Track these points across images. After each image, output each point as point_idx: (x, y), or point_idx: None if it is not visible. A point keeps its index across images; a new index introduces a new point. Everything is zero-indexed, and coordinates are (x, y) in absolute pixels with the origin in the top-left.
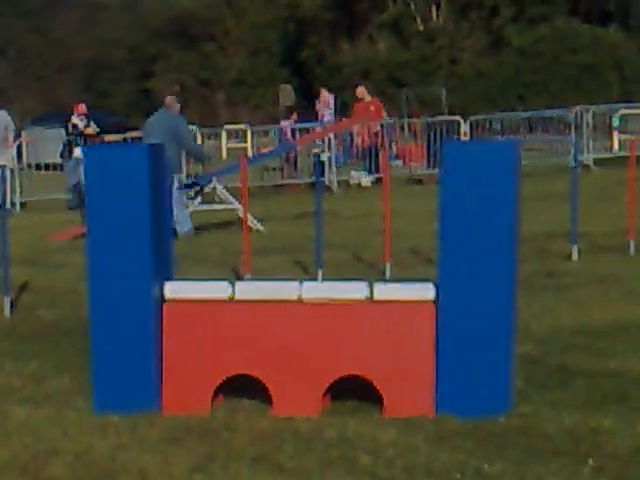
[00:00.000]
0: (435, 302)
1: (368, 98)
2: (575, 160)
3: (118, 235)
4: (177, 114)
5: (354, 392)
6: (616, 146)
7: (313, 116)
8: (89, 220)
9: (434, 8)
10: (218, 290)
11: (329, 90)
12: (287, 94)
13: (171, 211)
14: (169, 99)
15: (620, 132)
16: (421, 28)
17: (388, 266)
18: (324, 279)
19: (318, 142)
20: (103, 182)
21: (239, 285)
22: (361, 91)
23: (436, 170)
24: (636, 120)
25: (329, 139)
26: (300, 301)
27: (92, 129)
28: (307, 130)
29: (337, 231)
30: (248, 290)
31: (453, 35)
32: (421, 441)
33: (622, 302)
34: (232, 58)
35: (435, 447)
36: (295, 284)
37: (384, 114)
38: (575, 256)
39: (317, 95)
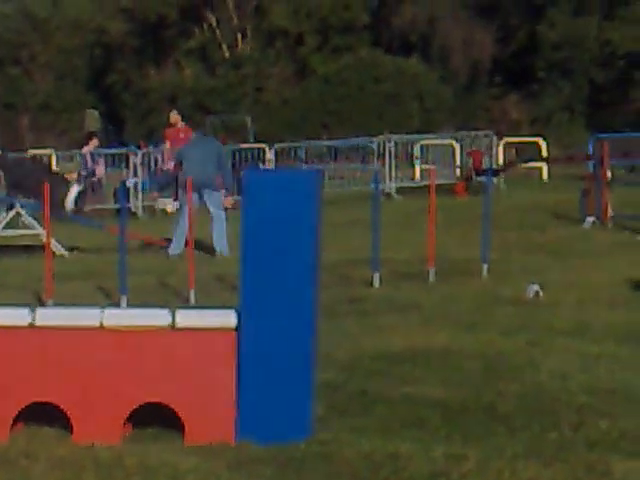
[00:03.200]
0: (237, 329)
1: (180, 125)
2: (376, 188)
3: None
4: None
5: (156, 419)
6: (418, 175)
7: (117, 141)
8: None
9: (240, 36)
10: (18, 316)
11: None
12: (93, 119)
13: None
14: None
15: (421, 161)
16: (227, 55)
17: (192, 293)
18: (128, 305)
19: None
20: None
21: (39, 311)
22: (175, 117)
23: (241, 197)
24: (436, 150)
25: (134, 165)
26: (102, 328)
27: None
28: (112, 156)
29: (142, 257)
30: (49, 316)
31: (259, 63)
32: (222, 468)
33: (421, 328)
34: (38, 82)
35: (236, 473)
36: (96, 311)
37: None
38: (377, 283)
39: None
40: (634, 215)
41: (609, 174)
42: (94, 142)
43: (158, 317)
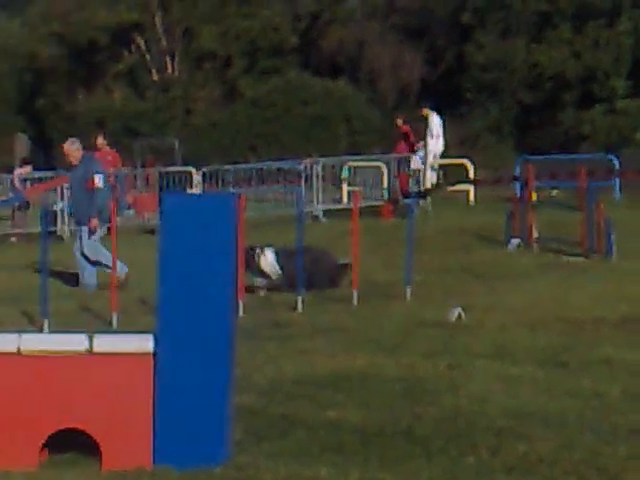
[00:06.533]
0: (154, 354)
1: (106, 148)
2: (300, 210)
3: None
4: None
5: (73, 444)
6: (345, 197)
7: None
8: None
9: (169, 59)
10: None
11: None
12: (22, 143)
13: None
14: None
15: (348, 184)
16: (156, 78)
17: (115, 316)
18: (50, 330)
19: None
20: None
21: None
22: (100, 141)
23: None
24: (364, 172)
25: (62, 189)
26: (19, 353)
27: None
28: (39, 179)
29: (66, 281)
30: None
31: (187, 86)
32: None
33: (344, 352)
34: None
35: None
36: (14, 336)
37: (119, 165)
38: (300, 307)
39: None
40: (559, 237)
41: (535, 196)
42: (27, 169)
43: (75, 342)
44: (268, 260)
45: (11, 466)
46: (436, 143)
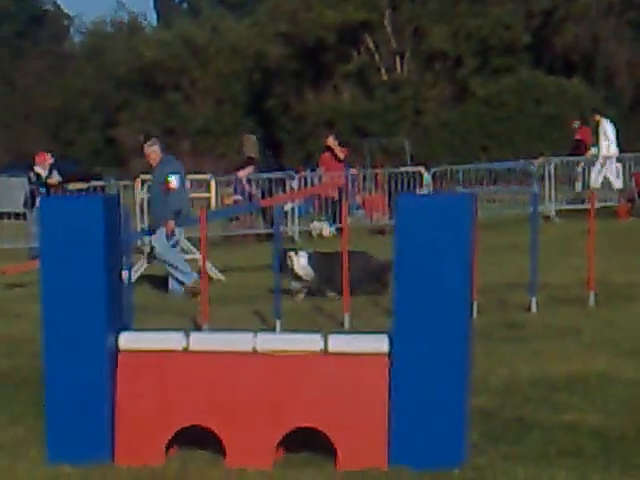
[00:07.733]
0: (390, 354)
1: (337, 148)
2: (534, 211)
3: (73, 285)
4: None
5: (308, 444)
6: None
7: (276, 165)
8: (43, 270)
9: (398, 59)
10: (172, 341)
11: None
12: (251, 144)
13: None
14: None
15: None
16: (385, 78)
17: (347, 317)
18: (282, 330)
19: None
20: (57, 232)
21: (194, 336)
22: (331, 141)
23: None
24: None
25: (292, 189)
26: (255, 352)
27: (55, 179)
28: (269, 180)
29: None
30: (203, 341)
31: (417, 86)
32: None
33: (580, 354)
34: (198, 107)
35: None
36: (249, 335)
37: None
38: (534, 308)
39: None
40: None
41: None
42: (249, 169)
43: (310, 342)
44: (301, 263)
45: (247, 464)
46: (610, 148)
